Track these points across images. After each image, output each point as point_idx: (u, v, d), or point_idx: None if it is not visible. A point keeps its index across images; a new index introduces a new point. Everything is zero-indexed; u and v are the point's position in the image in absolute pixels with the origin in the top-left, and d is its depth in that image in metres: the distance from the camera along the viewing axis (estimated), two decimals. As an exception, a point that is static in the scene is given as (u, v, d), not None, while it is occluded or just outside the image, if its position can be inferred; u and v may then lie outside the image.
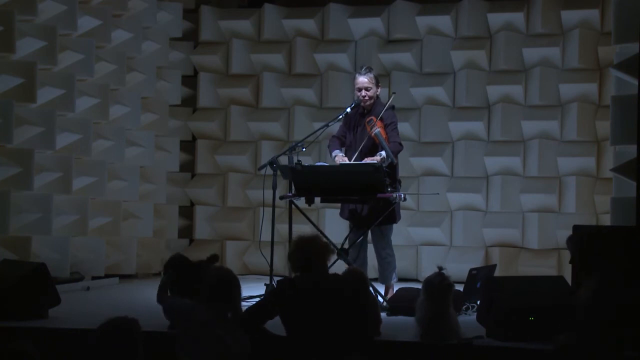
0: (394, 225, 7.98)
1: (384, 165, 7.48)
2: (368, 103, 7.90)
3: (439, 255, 10.11)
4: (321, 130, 8.28)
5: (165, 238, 10.66)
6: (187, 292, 5.95)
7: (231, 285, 5.39)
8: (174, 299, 5.96)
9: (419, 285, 6.48)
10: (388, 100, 7.99)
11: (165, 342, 5.64)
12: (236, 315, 5.39)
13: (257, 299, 7.68)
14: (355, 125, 7.94)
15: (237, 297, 5.46)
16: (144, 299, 8.35)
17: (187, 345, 5.21)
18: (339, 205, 8.25)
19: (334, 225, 9.56)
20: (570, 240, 5.66)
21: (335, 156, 7.86)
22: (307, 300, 5.47)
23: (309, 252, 5.57)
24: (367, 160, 7.62)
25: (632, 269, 5.57)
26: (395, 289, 7.81)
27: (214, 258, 6.23)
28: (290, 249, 5.69)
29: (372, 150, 7.74)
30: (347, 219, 8.02)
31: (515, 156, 10.15)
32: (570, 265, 5.86)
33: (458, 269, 8.51)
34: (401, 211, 8.04)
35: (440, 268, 5.95)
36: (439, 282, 5.85)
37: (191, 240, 11.07)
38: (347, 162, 7.73)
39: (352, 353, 5.41)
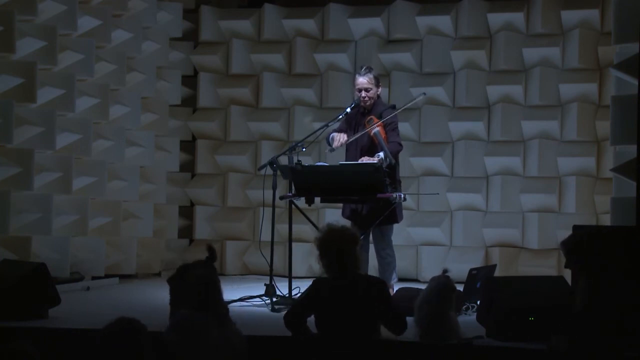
0: (394, 226, 7.98)
1: (382, 165, 7.48)
2: (368, 103, 7.89)
3: (439, 255, 10.11)
4: (321, 130, 8.28)
5: (165, 238, 10.66)
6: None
7: (215, 286, 5.33)
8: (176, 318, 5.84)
9: (419, 285, 6.48)
10: (414, 99, 8.07)
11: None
12: (223, 309, 5.32)
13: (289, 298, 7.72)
14: (356, 124, 7.94)
15: (221, 292, 5.39)
16: (144, 299, 8.36)
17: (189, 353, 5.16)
18: (339, 205, 8.24)
19: (334, 225, 9.54)
20: (562, 244, 5.65)
21: (333, 137, 7.85)
22: (343, 300, 5.55)
23: (338, 243, 5.60)
24: (365, 159, 7.62)
25: (632, 269, 5.57)
26: (395, 289, 7.81)
27: (210, 250, 6.18)
28: (319, 239, 5.67)
29: (372, 149, 7.74)
30: (348, 218, 8.01)
31: (515, 156, 10.15)
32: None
33: (458, 269, 8.48)
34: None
35: (445, 270, 5.96)
36: (443, 285, 5.87)
37: (191, 240, 11.06)
38: (346, 139, 7.74)
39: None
